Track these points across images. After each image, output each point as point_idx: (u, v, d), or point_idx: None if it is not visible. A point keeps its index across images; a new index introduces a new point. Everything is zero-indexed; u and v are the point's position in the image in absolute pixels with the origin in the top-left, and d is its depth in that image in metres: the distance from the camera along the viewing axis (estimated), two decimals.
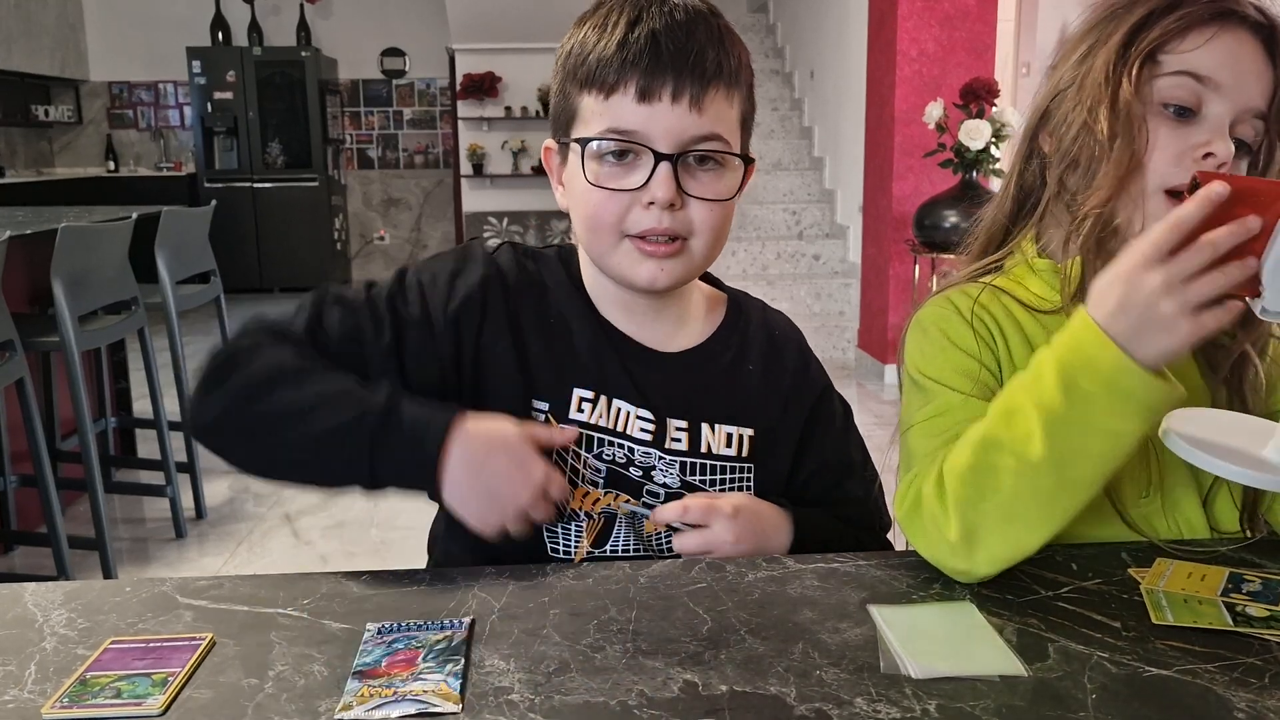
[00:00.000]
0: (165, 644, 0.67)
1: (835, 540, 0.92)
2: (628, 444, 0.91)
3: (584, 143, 0.85)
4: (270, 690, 0.62)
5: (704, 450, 0.93)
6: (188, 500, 3.09)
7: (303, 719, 0.59)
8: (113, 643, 0.68)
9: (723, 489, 0.93)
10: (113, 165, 7.84)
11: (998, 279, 0.92)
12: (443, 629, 0.69)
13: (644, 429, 0.91)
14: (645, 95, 0.82)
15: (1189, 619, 0.70)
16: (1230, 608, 0.71)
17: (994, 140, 3.83)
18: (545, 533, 0.91)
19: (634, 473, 0.91)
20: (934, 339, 0.89)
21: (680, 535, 0.87)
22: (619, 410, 0.91)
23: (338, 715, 0.59)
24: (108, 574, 2.56)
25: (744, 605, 0.73)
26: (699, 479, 0.93)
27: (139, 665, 0.65)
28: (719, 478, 0.94)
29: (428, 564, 0.99)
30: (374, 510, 3.09)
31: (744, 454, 0.94)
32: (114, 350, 3.54)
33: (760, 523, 0.89)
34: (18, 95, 7.32)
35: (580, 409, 0.90)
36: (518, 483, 0.82)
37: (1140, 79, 0.84)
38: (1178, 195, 0.83)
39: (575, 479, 0.91)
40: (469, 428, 0.83)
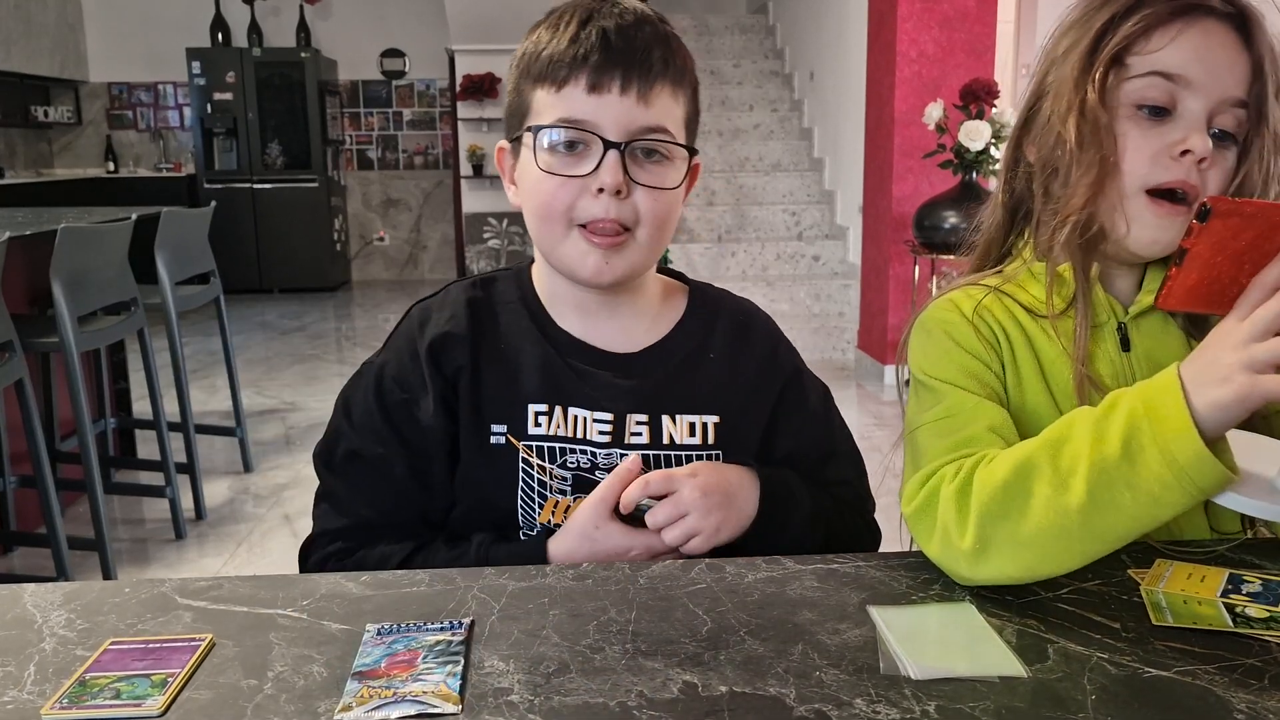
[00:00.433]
0: (165, 645, 0.67)
1: (812, 503, 0.94)
2: (589, 449, 0.92)
3: (536, 130, 0.89)
4: (270, 691, 0.62)
5: (666, 441, 0.94)
6: (187, 501, 3.09)
7: None
8: (112, 643, 0.68)
9: None
10: (112, 166, 7.85)
11: (1000, 282, 0.92)
12: (442, 630, 0.69)
13: (602, 431, 0.93)
14: (595, 87, 0.86)
15: (1189, 620, 0.70)
16: (1230, 609, 0.71)
17: (994, 141, 3.84)
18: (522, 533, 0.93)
19: (600, 476, 0.92)
20: (938, 340, 0.89)
21: (651, 511, 0.87)
22: (576, 417, 0.93)
23: (337, 716, 0.59)
24: (107, 575, 2.56)
25: (743, 606, 0.73)
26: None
27: (138, 666, 0.65)
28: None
29: None
30: None
31: (709, 441, 0.95)
32: (113, 351, 3.54)
33: (722, 476, 0.90)
34: (17, 96, 7.32)
35: (537, 423, 0.92)
36: (614, 556, 0.87)
37: (1109, 83, 0.84)
38: (1160, 195, 0.84)
39: (544, 491, 0.92)
40: (553, 550, 0.89)
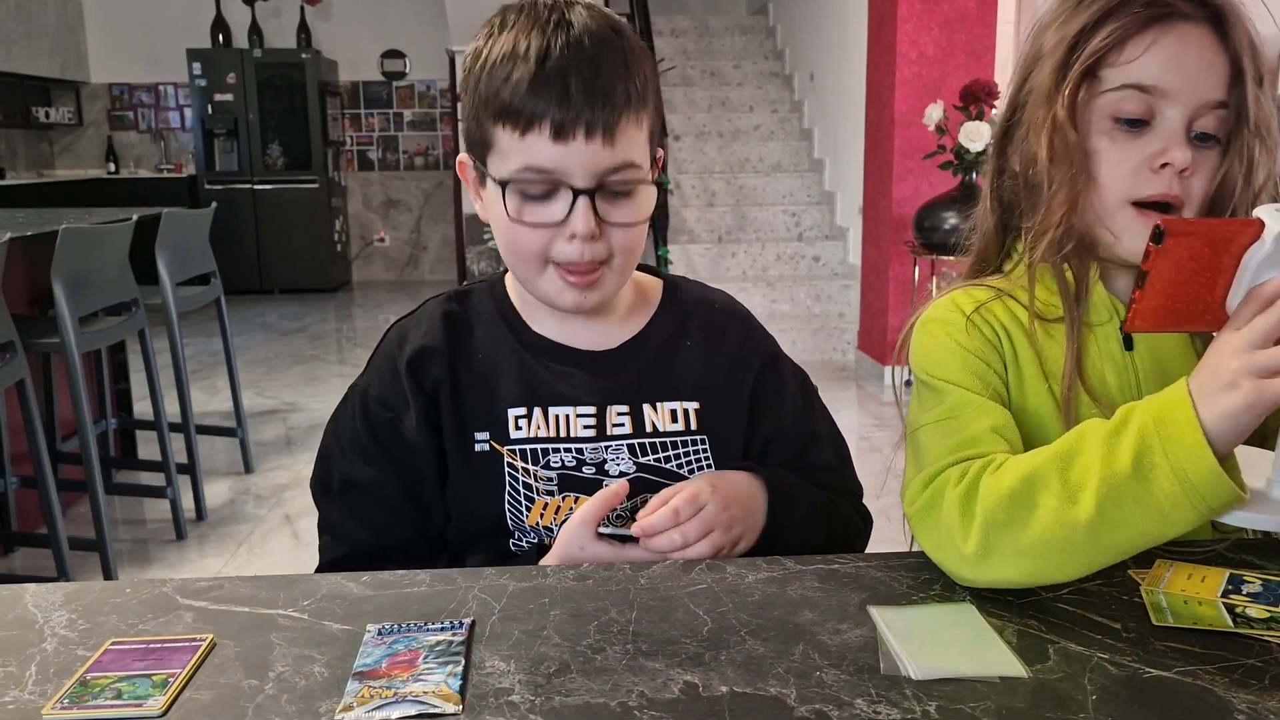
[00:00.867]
0: (166, 645, 0.67)
1: (809, 499, 0.94)
2: (574, 445, 0.92)
3: (504, 184, 0.87)
4: (271, 691, 0.62)
5: (649, 430, 0.94)
6: (188, 501, 3.09)
7: None
8: (113, 644, 0.68)
9: (679, 464, 0.94)
10: (113, 167, 7.85)
11: (1001, 282, 0.92)
12: (443, 630, 0.69)
13: (586, 425, 0.93)
14: (560, 134, 0.83)
15: (1189, 620, 0.70)
16: (1230, 609, 0.71)
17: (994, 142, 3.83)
18: (513, 544, 0.92)
19: (587, 471, 0.92)
20: (940, 340, 0.88)
21: (682, 529, 0.84)
22: (557, 416, 0.93)
23: (338, 716, 0.59)
24: (108, 575, 2.56)
25: (744, 606, 0.73)
26: (651, 459, 0.94)
27: (139, 666, 0.65)
28: (672, 453, 0.94)
29: None
30: None
31: (692, 427, 0.95)
32: (114, 351, 3.54)
33: (737, 487, 0.89)
34: (18, 97, 7.33)
35: (518, 427, 0.92)
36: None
37: (1081, 97, 0.83)
38: (1146, 206, 0.83)
39: (531, 494, 0.92)
40: (545, 563, 0.88)
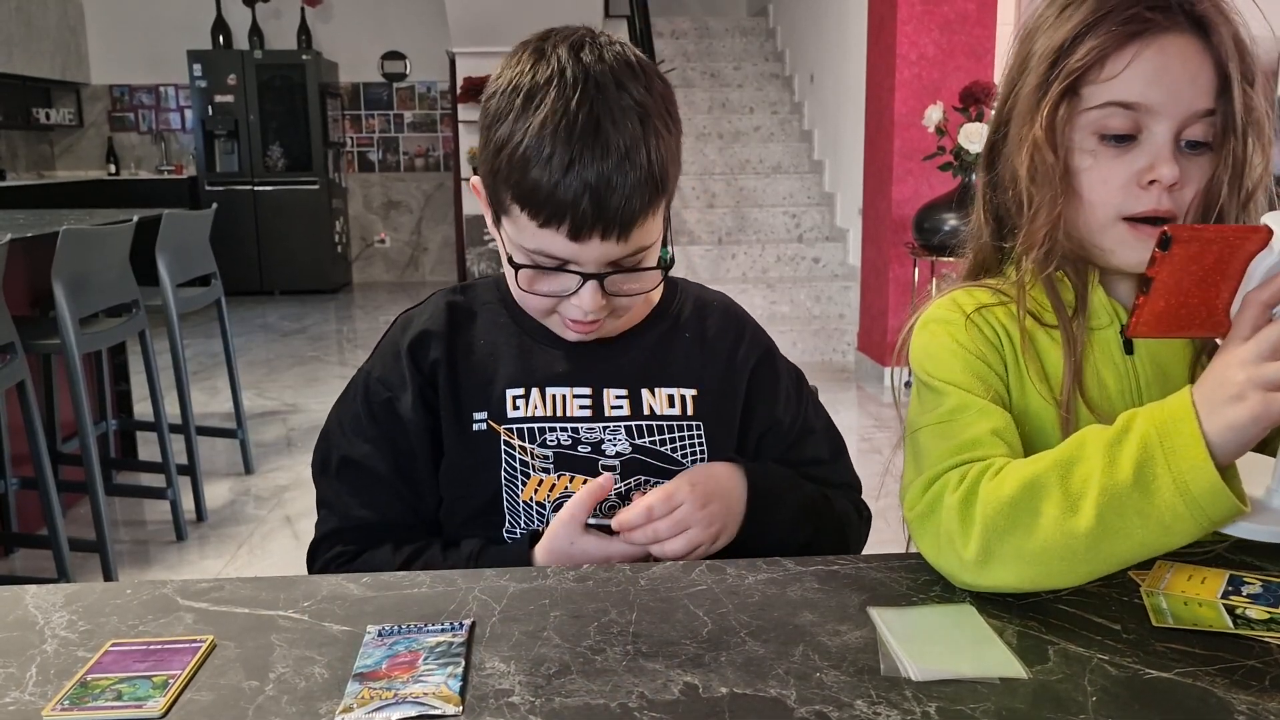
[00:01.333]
0: (166, 646, 0.67)
1: (800, 496, 0.96)
2: (570, 425, 0.94)
3: (517, 266, 0.89)
4: (271, 692, 0.62)
5: (647, 413, 0.96)
6: (188, 503, 3.09)
7: None
8: (113, 645, 0.68)
9: (674, 448, 0.95)
10: (114, 168, 7.85)
11: (1001, 284, 0.92)
12: (443, 631, 0.69)
13: (582, 405, 0.95)
14: (576, 235, 0.85)
15: (1189, 622, 0.70)
16: (1230, 610, 0.71)
17: None
18: (505, 534, 0.94)
19: (583, 450, 0.94)
20: (940, 340, 0.88)
21: (654, 527, 0.87)
22: (554, 396, 0.95)
23: (338, 717, 0.59)
24: (108, 576, 2.56)
25: (744, 608, 0.73)
26: (648, 440, 0.95)
27: (140, 667, 0.65)
28: (668, 436, 0.96)
29: None
30: None
31: (689, 412, 0.97)
32: (115, 353, 3.54)
33: (717, 482, 0.91)
34: (18, 98, 7.33)
35: (516, 406, 0.95)
36: (590, 561, 0.87)
37: (1061, 115, 0.83)
38: (1141, 221, 0.83)
39: (527, 470, 0.93)
40: (537, 556, 0.89)
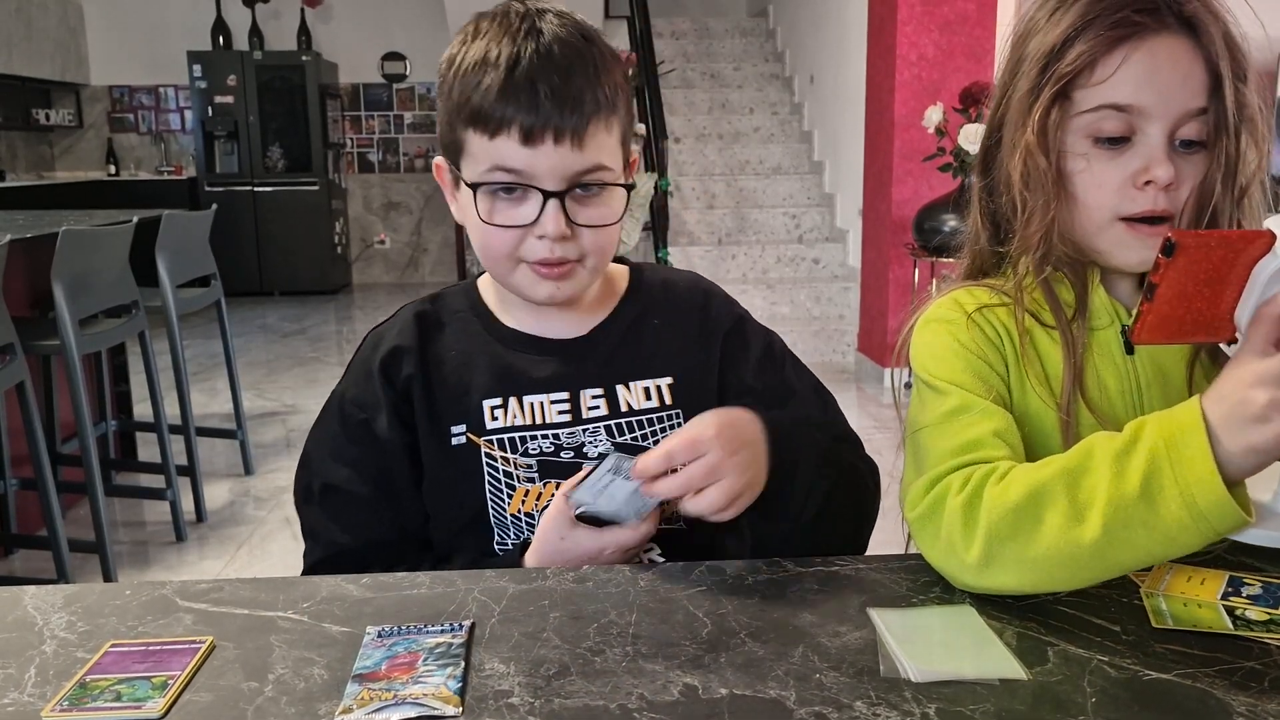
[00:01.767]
0: (165, 647, 0.67)
1: (814, 439, 0.91)
2: (551, 432, 0.94)
3: (475, 186, 0.88)
4: (270, 693, 0.62)
5: (624, 409, 0.95)
6: (188, 503, 3.09)
7: None
8: (113, 646, 0.68)
9: (656, 441, 0.92)
10: (113, 169, 7.85)
11: (1002, 284, 0.91)
12: (443, 632, 0.69)
13: (561, 411, 0.94)
14: (529, 138, 0.85)
15: (1189, 623, 0.70)
16: (1230, 611, 0.71)
17: None
18: (497, 547, 0.93)
19: (565, 456, 0.93)
20: (942, 339, 0.88)
21: (685, 471, 0.79)
22: (532, 404, 0.94)
23: (337, 718, 0.59)
24: (108, 577, 2.56)
25: (744, 608, 0.73)
26: (629, 438, 0.95)
27: (139, 668, 0.65)
28: (648, 430, 0.96)
29: None
30: None
31: (667, 402, 0.97)
32: (114, 353, 3.54)
33: (740, 427, 0.84)
34: (18, 99, 7.33)
35: (494, 417, 0.94)
36: (587, 560, 0.86)
37: (1053, 118, 0.83)
38: (1137, 221, 0.83)
39: (512, 481, 0.93)
40: (528, 561, 0.88)
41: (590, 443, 0.94)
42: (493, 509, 0.93)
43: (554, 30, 0.88)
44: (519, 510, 0.93)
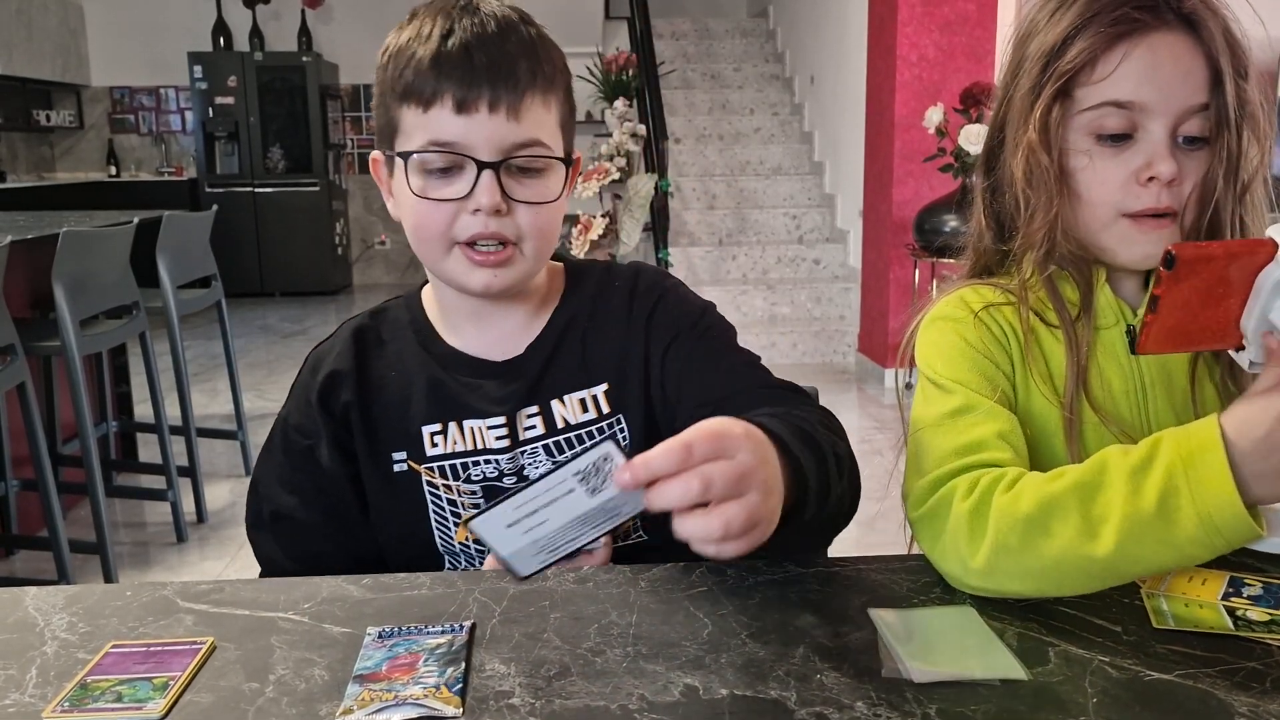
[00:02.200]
0: (166, 648, 0.67)
1: (822, 449, 0.77)
2: (492, 457, 0.92)
3: (406, 156, 0.86)
4: (271, 694, 0.62)
5: (561, 426, 0.93)
6: (189, 504, 3.09)
7: None
8: (113, 647, 0.68)
9: None
10: (114, 170, 7.85)
11: (1007, 282, 0.91)
12: (443, 633, 0.69)
13: (499, 437, 0.92)
14: (462, 106, 0.83)
15: (1190, 623, 0.70)
16: (1231, 612, 0.71)
17: None
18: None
19: (508, 481, 0.91)
20: (948, 337, 0.87)
21: (674, 485, 0.58)
22: (471, 429, 0.92)
23: (338, 719, 0.59)
24: (108, 578, 2.56)
25: (744, 609, 0.73)
26: (568, 455, 0.91)
27: (140, 669, 0.65)
28: (589, 444, 0.92)
29: None
30: None
31: (604, 410, 0.94)
32: (115, 354, 3.54)
33: (762, 443, 0.65)
34: (19, 100, 7.33)
35: (434, 444, 0.92)
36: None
37: (1054, 116, 0.83)
38: (1142, 217, 0.83)
39: (457, 509, 0.91)
40: None
41: (529, 465, 0.92)
42: (439, 537, 0.91)
43: (491, 8, 0.87)
44: (466, 539, 0.91)
